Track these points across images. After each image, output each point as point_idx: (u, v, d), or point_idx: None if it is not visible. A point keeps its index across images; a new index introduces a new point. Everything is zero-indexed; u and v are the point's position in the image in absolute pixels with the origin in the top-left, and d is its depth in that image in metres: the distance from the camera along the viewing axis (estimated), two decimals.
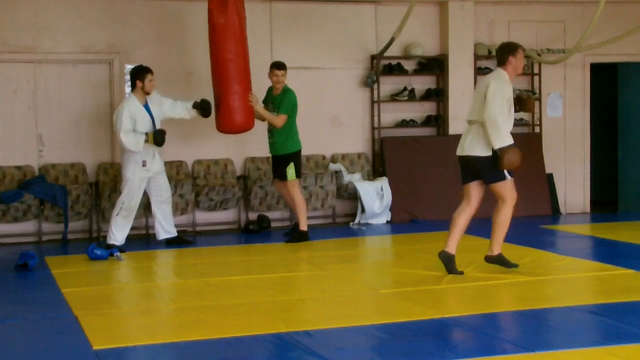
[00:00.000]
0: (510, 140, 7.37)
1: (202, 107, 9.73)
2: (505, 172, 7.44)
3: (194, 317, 6.30)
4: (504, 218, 7.56)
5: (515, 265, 7.65)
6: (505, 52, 7.63)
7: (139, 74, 9.38)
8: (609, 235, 9.95)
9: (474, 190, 7.61)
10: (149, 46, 10.83)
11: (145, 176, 9.37)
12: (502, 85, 7.42)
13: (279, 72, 9.81)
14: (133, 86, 9.41)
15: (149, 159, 9.34)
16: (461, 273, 7.58)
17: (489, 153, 7.42)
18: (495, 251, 7.67)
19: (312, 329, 5.79)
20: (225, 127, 9.84)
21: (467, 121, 7.71)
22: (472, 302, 6.68)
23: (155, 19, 10.88)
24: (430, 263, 8.35)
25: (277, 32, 11.29)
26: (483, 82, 7.65)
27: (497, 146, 7.34)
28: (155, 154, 9.44)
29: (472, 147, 7.50)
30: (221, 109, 9.73)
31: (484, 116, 7.36)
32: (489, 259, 7.71)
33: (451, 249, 7.68)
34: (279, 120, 9.73)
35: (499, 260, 7.66)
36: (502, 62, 7.62)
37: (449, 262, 7.63)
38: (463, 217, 7.66)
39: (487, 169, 7.47)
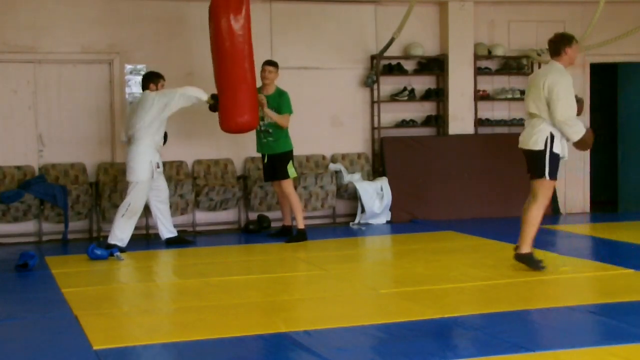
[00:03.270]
0: (583, 128, 7.41)
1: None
2: (547, 172, 7.41)
3: (194, 317, 6.30)
4: (532, 216, 7.51)
5: (543, 268, 7.54)
6: (561, 43, 7.55)
7: (155, 78, 9.55)
8: (609, 235, 9.95)
9: None
10: (149, 46, 10.83)
11: (155, 177, 9.40)
12: (562, 78, 7.38)
13: (268, 68, 9.81)
14: (145, 88, 9.49)
15: (159, 161, 9.41)
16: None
17: (541, 147, 7.41)
18: (524, 249, 7.58)
19: (312, 329, 5.79)
20: (230, 126, 9.77)
21: (528, 114, 7.65)
22: (472, 302, 6.68)
23: (155, 19, 10.89)
24: (430, 263, 8.36)
25: (277, 32, 11.29)
26: (539, 77, 7.56)
27: (577, 139, 7.41)
28: (160, 155, 9.50)
29: (527, 140, 7.53)
30: (226, 108, 9.68)
31: (555, 117, 7.33)
32: (518, 257, 7.60)
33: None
34: (285, 120, 9.74)
35: (527, 260, 7.56)
36: (557, 53, 7.54)
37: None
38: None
39: (535, 163, 7.48)
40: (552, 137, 7.44)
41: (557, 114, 7.35)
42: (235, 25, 9.49)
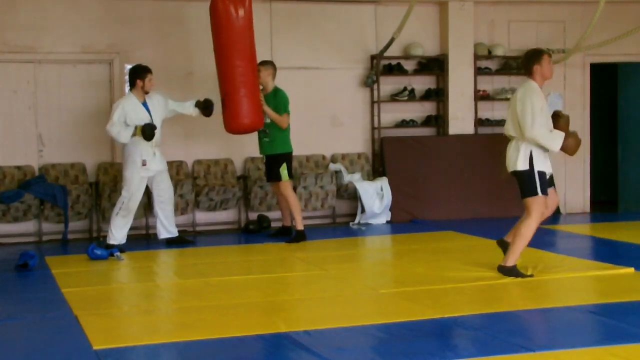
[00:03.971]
0: (561, 135, 7.40)
1: (203, 107, 9.75)
2: (539, 188, 7.37)
3: (194, 317, 6.30)
4: (526, 230, 7.44)
5: (530, 275, 7.49)
6: (529, 61, 7.51)
7: (140, 73, 9.42)
8: (609, 235, 9.95)
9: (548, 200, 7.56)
10: (149, 46, 10.83)
11: (145, 175, 9.38)
12: (530, 98, 7.34)
13: (257, 67, 9.77)
14: (132, 85, 9.44)
15: (148, 158, 9.35)
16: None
17: (526, 167, 7.40)
18: (510, 263, 7.48)
19: (312, 329, 5.79)
20: (235, 127, 9.75)
21: (508, 137, 7.65)
22: (472, 302, 6.68)
23: (155, 19, 10.89)
24: (430, 263, 8.36)
25: (277, 32, 11.29)
26: (514, 97, 7.56)
27: (557, 149, 7.39)
28: (156, 153, 9.44)
29: (512, 162, 7.51)
30: (230, 109, 9.66)
31: (525, 136, 7.33)
32: (502, 270, 7.50)
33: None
34: (283, 120, 9.72)
35: (512, 272, 7.45)
36: (529, 72, 7.53)
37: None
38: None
39: (523, 182, 7.45)
40: (532, 154, 7.42)
41: (525, 132, 7.33)
42: (238, 24, 9.48)
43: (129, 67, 10.63)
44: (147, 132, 9.24)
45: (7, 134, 10.51)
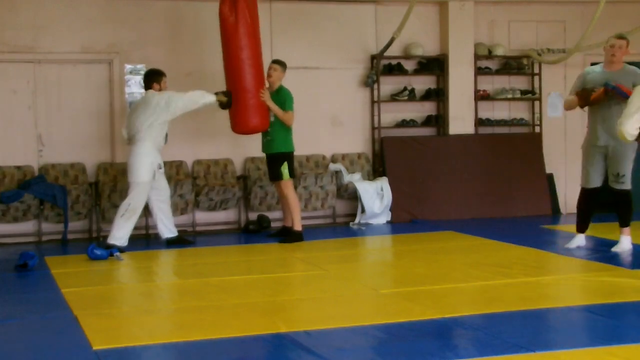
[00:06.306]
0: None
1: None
2: None
3: (194, 317, 6.30)
4: None
5: None
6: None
7: (157, 76, 9.53)
8: (609, 235, 9.93)
9: None
10: (149, 46, 10.83)
11: (156, 177, 9.37)
12: None
13: (273, 66, 9.84)
14: (149, 88, 9.46)
15: (160, 162, 9.39)
16: None
17: None
18: None
19: (312, 329, 5.78)
20: (242, 128, 9.78)
21: None
22: (472, 302, 6.68)
23: (155, 19, 10.89)
24: (430, 263, 8.36)
25: (277, 32, 11.29)
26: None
27: None
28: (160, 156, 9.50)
29: None
30: (237, 110, 9.68)
31: None
32: None
33: None
34: (288, 117, 9.72)
35: None
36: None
37: None
38: None
39: None
40: None
41: None
42: (244, 24, 9.49)
43: (129, 67, 10.69)
44: (229, 96, 9.56)
45: (7, 134, 10.51)
